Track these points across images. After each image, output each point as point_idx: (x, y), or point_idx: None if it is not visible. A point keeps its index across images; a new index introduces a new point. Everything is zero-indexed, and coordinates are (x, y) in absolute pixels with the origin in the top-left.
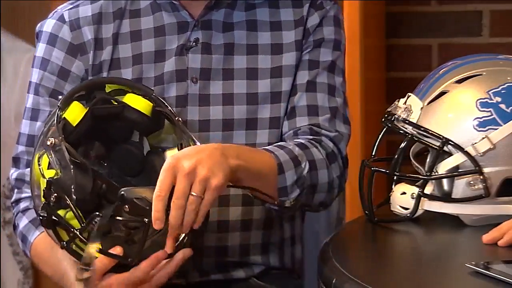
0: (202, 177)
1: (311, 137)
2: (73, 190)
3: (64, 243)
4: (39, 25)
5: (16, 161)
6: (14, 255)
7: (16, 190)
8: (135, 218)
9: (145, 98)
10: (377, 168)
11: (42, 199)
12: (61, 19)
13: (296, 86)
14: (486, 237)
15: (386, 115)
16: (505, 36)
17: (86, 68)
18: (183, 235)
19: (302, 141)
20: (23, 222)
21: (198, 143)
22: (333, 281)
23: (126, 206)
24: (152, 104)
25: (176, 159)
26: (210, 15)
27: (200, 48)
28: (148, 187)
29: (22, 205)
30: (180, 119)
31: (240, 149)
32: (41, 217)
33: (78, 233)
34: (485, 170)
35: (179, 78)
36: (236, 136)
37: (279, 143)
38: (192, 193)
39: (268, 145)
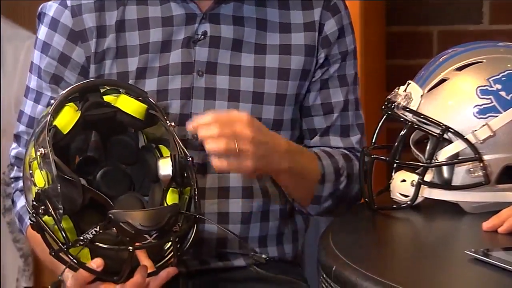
0: (242, 148)
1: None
2: (60, 206)
3: (53, 251)
4: (41, 6)
5: (17, 138)
6: (14, 242)
7: (16, 168)
8: (118, 248)
9: (138, 100)
10: (377, 156)
11: (31, 203)
12: (63, 3)
13: (331, 104)
14: (486, 224)
15: (386, 103)
16: (505, 23)
17: (87, 55)
18: (168, 255)
19: (347, 152)
20: (20, 202)
21: (188, 154)
22: (333, 269)
23: (114, 229)
24: (145, 107)
25: (247, 121)
26: (219, 8)
27: (208, 41)
28: (137, 211)
29: (21, 183)
30: (173, 124)
31: (296, 152)
32: (31, 222)
33: (64, 248)
34: (485, 157)
35: (185, 71)
36: None
37: (326, 149)
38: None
39: None
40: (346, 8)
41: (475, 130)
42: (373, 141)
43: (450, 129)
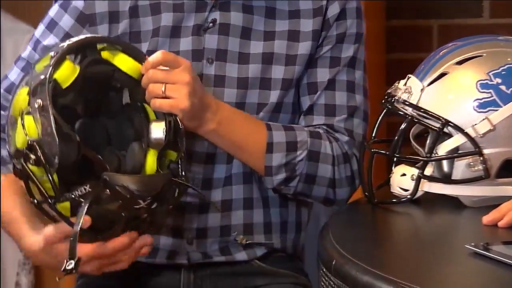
0: (179, 89)
1: (327, 132)
2: (56, 160)
3: (36, 201)
4: None
5: None
6: None
7: None
8: (112, 211)
9: (136, 61)
10: (377, 150)
11: (17, 146)
12: None
13: (316, 84)
14: (486, 218)
15: (386, 97)
16: (505, 17)
17: None
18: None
19: (321, 131)
20: None
21: (180, 122)
22: (333, 263)
23: (108, 191)
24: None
25: (187, 67)
26: None
27: (217, 29)
28: (132, 175)
29: None
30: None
31: (229, 116)
32: (15, 168)
33: (51, 202)
34: (485, 151)
35: (195, 58)
36: None
37: (289, 124)
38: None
39: None
40: None
41: (475, 124)
42: (373, 135)
43: (450, 123)
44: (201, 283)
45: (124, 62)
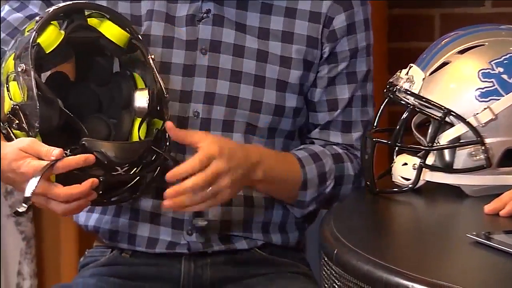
0: (221, 186)
1: (346, 150)
2: (36, 124)
3: None
4: None
5: None
6: (16, 225)
7: None
8: (91, 176)
9: (122, 28)
10: (378, 139)
11: (4, 111)
12: None
13: (337, 100)
14: (488, 207)
15: (388, 86)
16: (507, 6)
17: None
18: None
19: (340, 151)
20: None
21: (165, 91)
22: (335, 252)
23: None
24: (128, 35)
25: (219, 154)
26: None
27: (211, 19)
28: (111, 142)
29: None
30: (153, 57)
31: (270, 161)
32: (2, 132)
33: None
34: (487, 140)
35: (189, 48)
36: (238, 114)
37: (314, 151)
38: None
39: (268, 130)
40: (362, 4)
41: (477, 113)
42: (375, 124)
43: (452, 112)
44: (202, 272)
45: (109, 29)
